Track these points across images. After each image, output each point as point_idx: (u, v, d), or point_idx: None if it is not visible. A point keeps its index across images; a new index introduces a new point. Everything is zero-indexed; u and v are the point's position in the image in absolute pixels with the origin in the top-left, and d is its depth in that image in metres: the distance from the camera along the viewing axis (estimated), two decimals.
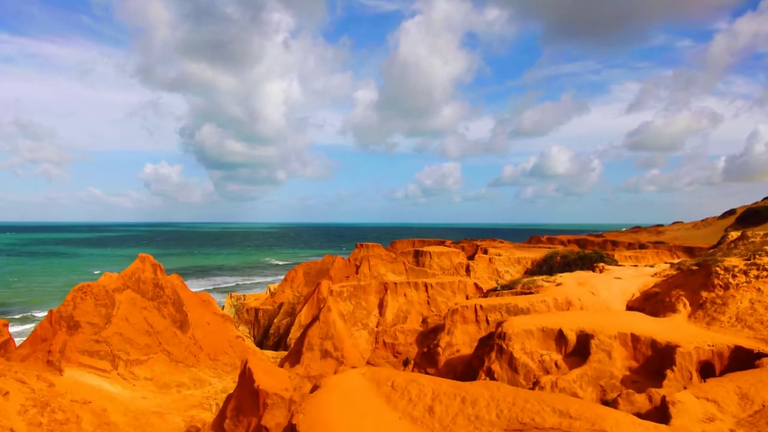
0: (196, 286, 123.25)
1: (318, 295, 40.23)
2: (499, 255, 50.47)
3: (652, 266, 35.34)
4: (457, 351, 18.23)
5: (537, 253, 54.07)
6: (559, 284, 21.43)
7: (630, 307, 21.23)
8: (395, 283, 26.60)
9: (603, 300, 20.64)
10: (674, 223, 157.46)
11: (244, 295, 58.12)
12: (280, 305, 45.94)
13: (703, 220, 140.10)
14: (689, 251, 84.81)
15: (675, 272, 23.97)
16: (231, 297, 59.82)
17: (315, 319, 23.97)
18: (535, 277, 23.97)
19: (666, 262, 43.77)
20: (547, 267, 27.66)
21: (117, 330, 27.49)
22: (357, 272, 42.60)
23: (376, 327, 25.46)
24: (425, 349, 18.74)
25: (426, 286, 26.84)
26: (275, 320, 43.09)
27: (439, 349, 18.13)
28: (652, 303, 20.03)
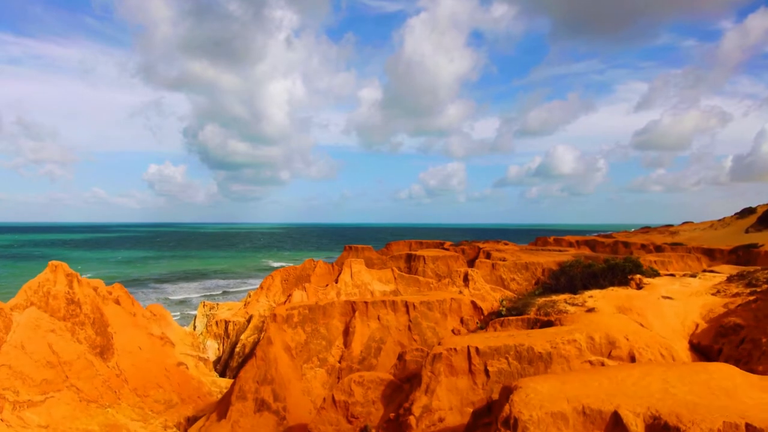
0: (186, 290, 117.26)
1: None
2: (504, 260, 43.88)
3: (693, 276, 28.68)
4: (440, 420, 11.74)
5: (547, 258, 47.39)
6: (590, 310, 14.88)
7: (696, 345, 14.68)
8: (366, 303, 19.90)
9: (657, 334, 14.06)
10: (684, 223, 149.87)
11: (217, 304, 51.70)
12: (250, 318, 39.64)
13: (720, 220, 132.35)
14: (709, 253, 77.74)
15: (749, 290, 17.35)
16: (204, 306, 53.43)
17: (250, 354, 17.67)
18: (555, 297, 17.43)
19: (706, 270, 36.90)
20: (567, 279, 21.11)
21: (6, 361, 21.12)
22: (337, 280, 36.19)
23: (339, 362, 18.86)
24: (392, 415, 12.25)
25: (407, 306, 20.13)
26: (242, 336, 36.84)
27: (412, 418, 11.62)
28: (733, 342, 13.45)
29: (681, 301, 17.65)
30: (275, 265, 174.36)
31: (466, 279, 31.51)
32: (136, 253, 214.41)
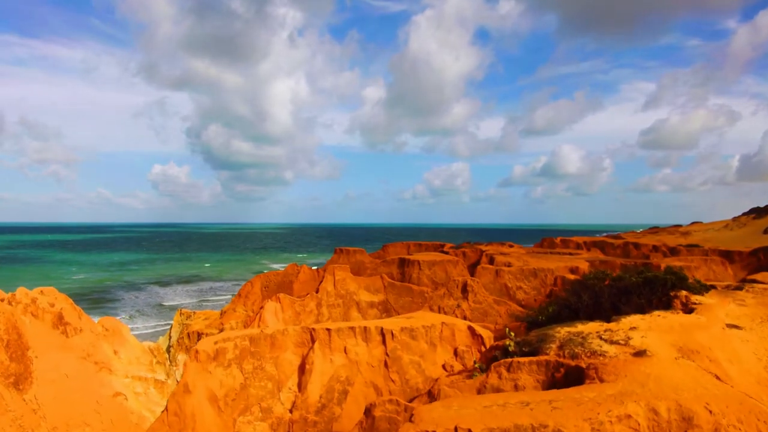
0: (181, 294, 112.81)
1: (259, 322, 29.25)
2: (509, 265, 39.13)
3: (739, 288, 23.85)
4: None
5: (557, 262, 42.64)
6: (640, 353, 10.20)
7: None
8: (328, 330, 15.13)
9: (748, 396, 9.37)
10: (694, 223, 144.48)
11: (194, 312, 47.16)
12: (222, 330, 35.19)
13: (735, 220, 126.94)
14: (727, 256, 72.56)
15: None
16: (181, 314, 48.95)
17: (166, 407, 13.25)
18: (582, 326, 12.73)
19: (748, 280, 31.99)
20: (591, 296, 16.37)
21: None
22: (318, 290, 31.63)
23: (290, 412, 14.16)
24: None
25: (383, 334, 15.34)
26: None
27: None
28: None
29: (754, 331, 12.89)
30: (274, 267, 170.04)
31: (464, 289, 26.89)
32: (133, 255, 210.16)
